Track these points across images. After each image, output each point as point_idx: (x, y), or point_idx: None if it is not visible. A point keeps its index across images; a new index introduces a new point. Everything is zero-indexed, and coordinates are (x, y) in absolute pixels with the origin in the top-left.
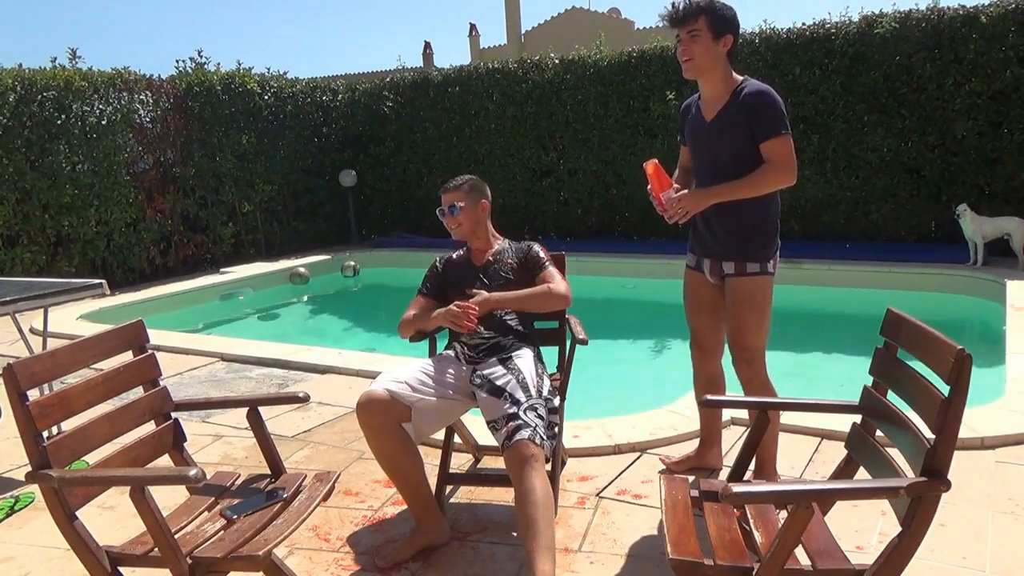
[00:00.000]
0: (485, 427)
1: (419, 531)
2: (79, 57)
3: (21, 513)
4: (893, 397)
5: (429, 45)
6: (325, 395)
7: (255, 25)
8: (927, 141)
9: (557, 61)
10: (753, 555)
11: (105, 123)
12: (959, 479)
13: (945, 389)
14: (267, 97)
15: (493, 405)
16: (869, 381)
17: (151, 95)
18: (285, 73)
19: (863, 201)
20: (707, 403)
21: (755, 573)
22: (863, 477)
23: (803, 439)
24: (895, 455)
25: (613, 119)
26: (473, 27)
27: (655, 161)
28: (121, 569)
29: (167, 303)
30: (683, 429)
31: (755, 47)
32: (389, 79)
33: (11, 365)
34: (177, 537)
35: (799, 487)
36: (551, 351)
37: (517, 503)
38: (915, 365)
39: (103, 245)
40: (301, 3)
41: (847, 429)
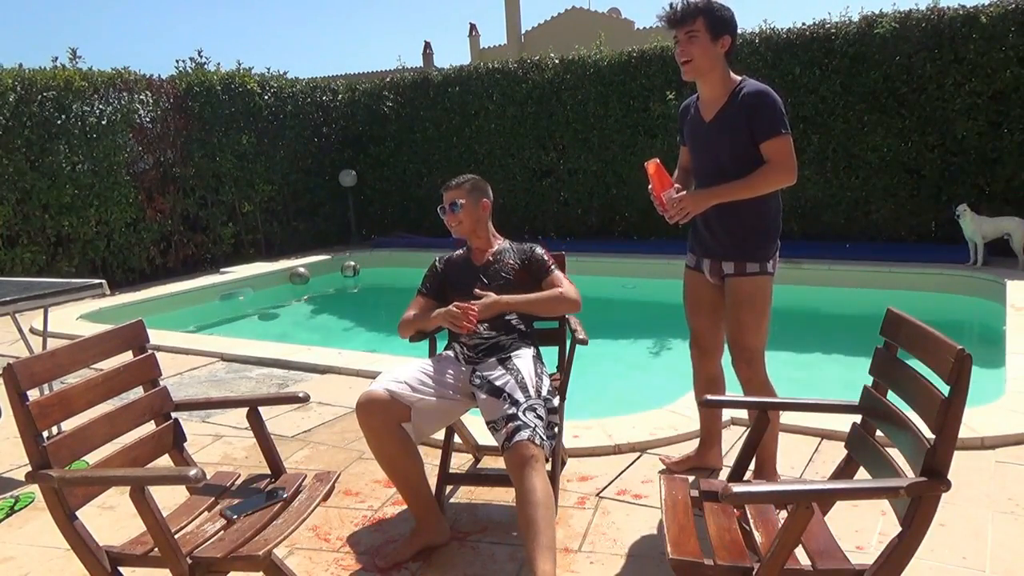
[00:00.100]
0: (485, 427)
1: (419, 531)
2: (79, 57)
3: (21, 513)
4: (893, 397)
5: (429, 45)
6: (325, 395)
7: (255, 25)
8: (927, 141)
9: (557, 61)
10: (753, 555)
11: (105, 123)
12: (959, 479)
13: (945, 389)
14: (267, 97)
15: (492, 406)
16: (869, 381)
17: (151, 95)
18: (285, 73)
19: (863, 201)
20: (707, 403)
21: (755, 573)
22: (863, 477)
23: (803, 439)
24: (895, 455)
25: (613, 119)
26: (473, 27)
27: (656, 161)
28: (121, 569)
29: (167, 303)
30: (683, 429)
31: (755, 47)
32: (389, 79)
33: (11, 365)
34: (177, 537)
35: (799, 487)
36: (551, 351)
37: (517, 503)
38: (915, 365)
39: (103, 245)
40: (301, 3)
41: (847, 429)
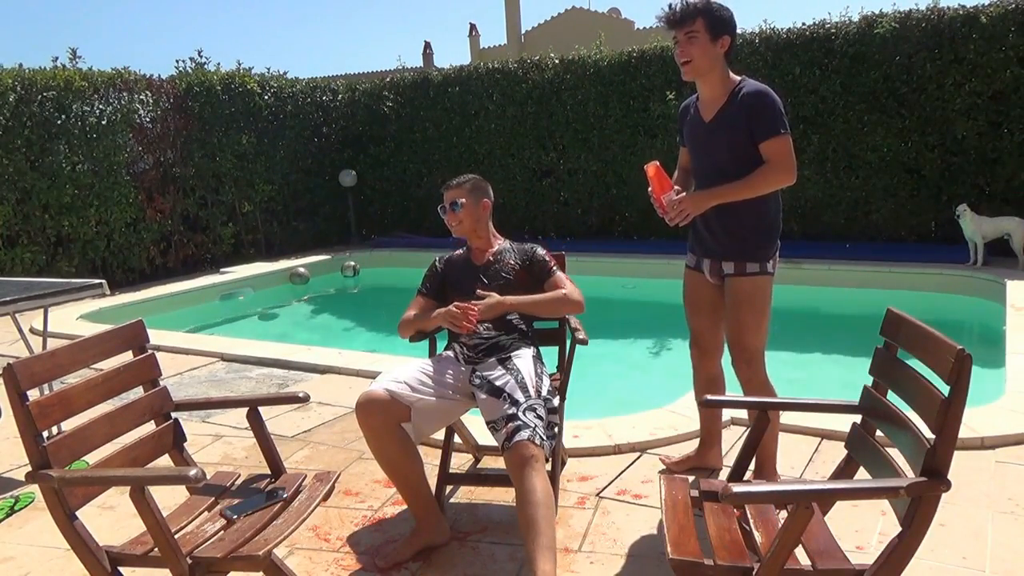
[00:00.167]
0: (485, 427)
1: (419, 531)
2: (79, 57)
3: (21, 513)
4: (893, 397)
5: (429, 45)
6: (325, 395)
7: (255, 25)
8: (927, 141)
9: (557, 61)
10: (753, 555)
11: (105, 123)
12: (959, 479)
13: (945, 389)
14: (267, 97)
15: (492, 406)
16: (869, 381)
17: (151, 95)
18: (285, 73)
19: (863, 201)
20: (707, 403)
21: (755, 573)
22: (863, 477)
23: (803, 439)
24: (895, 455)
25: (613, 119)
26: (473, 27)
27: (656, 163)
28: (121, 569)
29: (167, 303)
30: (683, 429)
31: (755, 47)
32: (389, 79)
33: (11, 365)
34: (177, 537)
35: (799, 487)
36: (551, 351)
37: (518, 503)
38: (915, 365)
39: (103, 245)
40: (301, 3)
41: (847, 429)
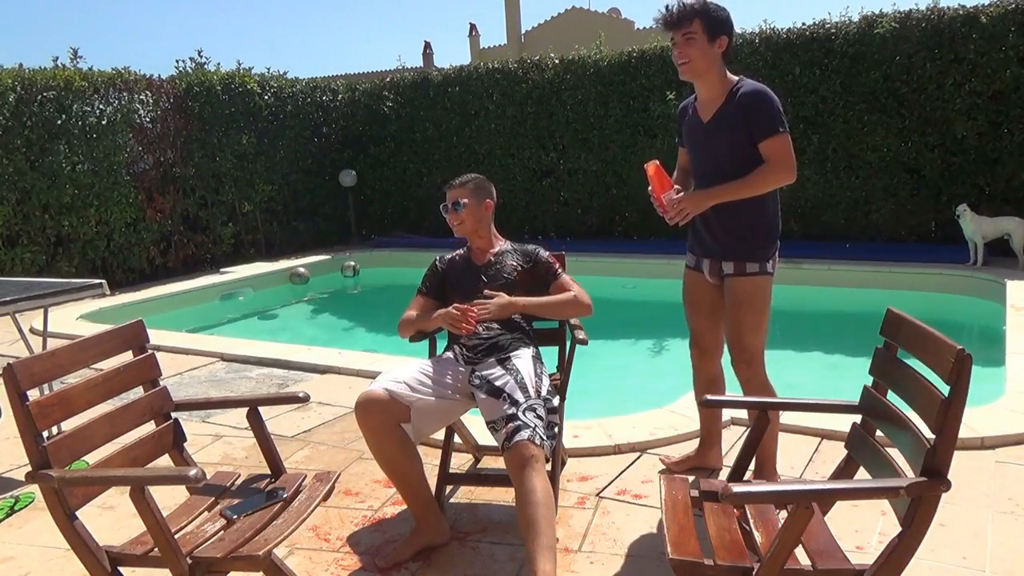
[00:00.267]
0: (485, 427)
1: (419, 531)
2: (80, 57)
3: (21, 513)
4: (893, 397)
5: (429, 45)
6: (325, 395)
7: (255, 25)
8: (927, 141)
9: (557, 61)
10: (753, 555)
11: (105, 123)
12: (959, 479)
13: (945, 389)
14: (267, 97)
15: (492, 406)
16: (869, 381)
17: (151, 95)
18: (285, 73)
19: (863, 201)
20: (707, 403)
21: (755, 573)
22: (863, 477)
23: (803, 439)
24: (895, 455)
25: (613, 119)
26: (473, 27)
27: (656, 162)
28: (121, 569)
29: (167, 303)
30: (683, 429)
31: (755, 47)
32: (389, 79)
33: (11, 365)
34: (177, 537)
35: (799, 487)
36: (551, 351)
37: (518, 503)
38: (915, 365)
39: (103, 245)
40: (301, 3)
41: (847, 429)
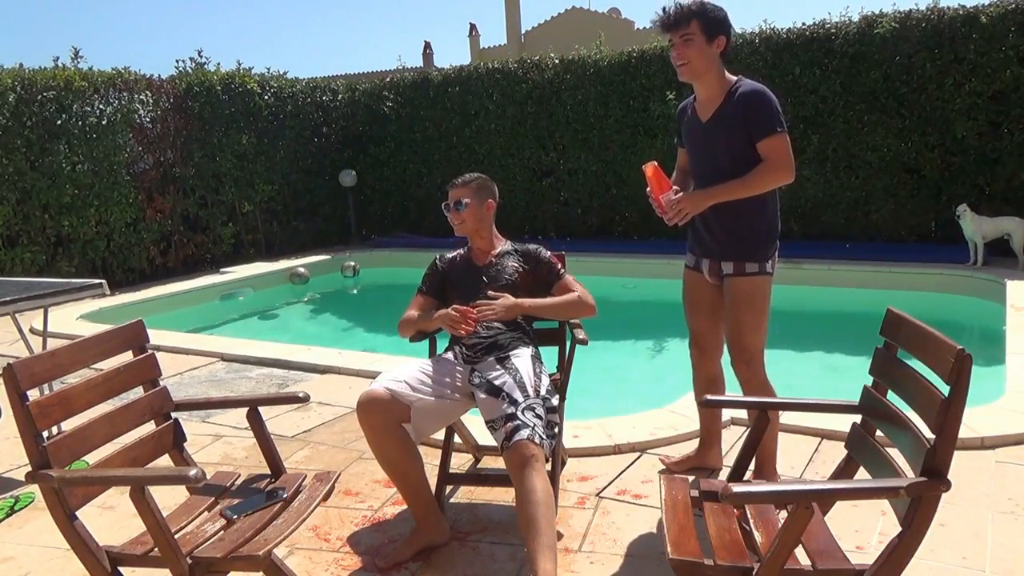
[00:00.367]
0: (485, 427)
1: (419, 531)
2: (81, 57)
3: (21, 513)
4: (893, 397)
5: (429, 45)
6: (325, 395)
7: (255, 25)
8: (927, 141)
9: (557, 61)
10: (753, 555)
11: (105, 123)
12: (959, 479)
13: (945, 389)
14: (267, 97)
15: (491, 405)
16: (869, 381)
17: (151, 95)
18: (285, 73)
19: (863, 201)
20: (707, 403)
21: (755, 573)
22: (863, 477)
23: (803, 439)
24: (895, 455)
25: (613, 119)
26: (473, 27)
27: (655, 163)
28: (121, 569)
29: (167, 303)
30: (683, 429)
31: (755, 47)
32: (389, 79)
33: (11, 365)
34: (177, 537)
35: (799, 487)
36: (551, 351)
37: (518, 503)
38: (915, 365)
39: (103, 245)
40: (301, 3)
41: (847, 429)
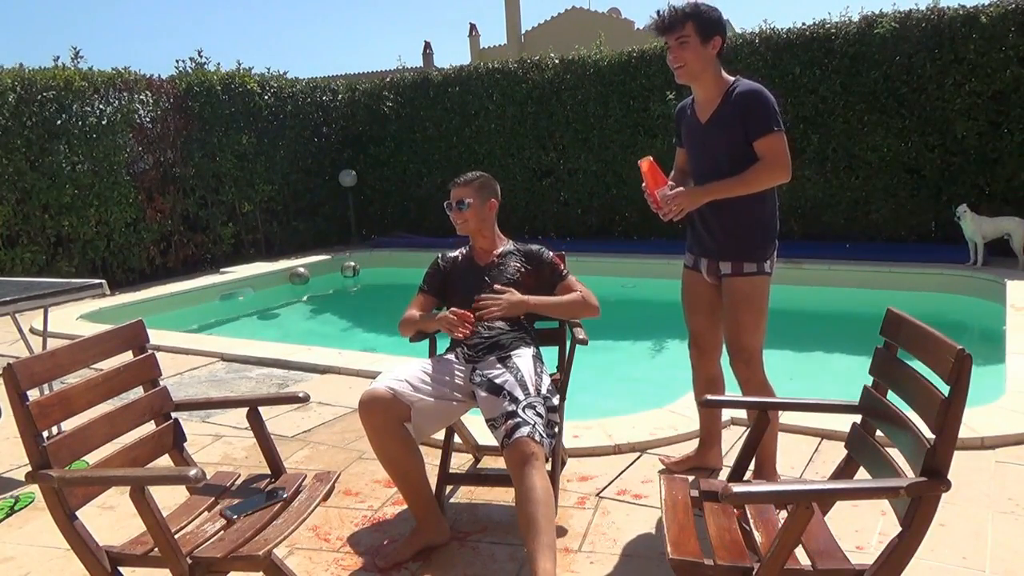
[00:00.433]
0: (485, 427)
1: (419, 531)
2: (81, 57)
3: (21, 513)
4: (893, 397)
5: (429, 45)
6: (325, 395)
7: (255, 25)
8: (927, 141)
9: (557, 61)
10: (753, 555)
11: (105, 123)
12: (959, 479)
13: (945, 389)
14: (267, 97)
15: (492, 403)
16: (869, 381)
17: (151, 95)
18: (285, 73)
19: (863, 201)
20: (707, 403)
21: (755, 573)
22: (863, 477)
23: (803, 439)
24: (895, 455)
25: (613, 119)
26: (473, 27)
27: (650, 158)
28: (121, 569)
29: (167, 303)
30: (683, 429)
31: (755, 47)
32: (389, 79)
33: (11, 365)
34: (177, 537)
35: (799, 487)
36: (551, 351)
37: (518, 502)
38: (915, 365)
39: (103, 245)
40: (301, 3)
41: (847, 429)
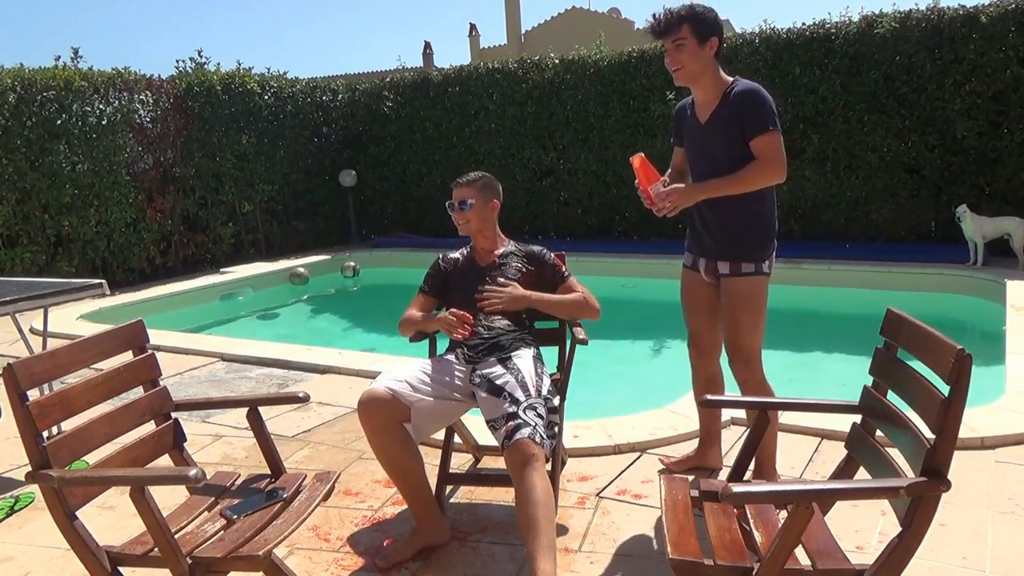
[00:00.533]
0: (485, 427)
1: (419, 531)
2: (81, 57)
3: (21, 513)
4: (893, 397)
5: (429, 45)
6: (325, 395)
7: (255, 25)
8: (927, 141)
9: (557, 61)
10: (753, 555)
11: (105, 123)
12: (959, 479)
13: (945, 389)
14: (267, 97)
15: (492, 404)
16: (869, 381)
17: (151, 95)
18: (285, 73)
19: (863, 201)
20: (707, 403)
21: (755, 573)
22: (863, 477)
23: (803, 439)
24: (895, 455)
25: (613, 119)
26: (473, 27)
27: (642, 155)
28: (121, 569)
29: (167, 303)
30: (683, 429)
31: (755, 47)
32: (389, 79)
33: (11, 365)
34: (177, 537)
35: (799, 487)
36: (551, 351)
37: (518, 503)
38: (915, 365)
39: (103, 245)
40: (301, 3)
41: (847, 429)
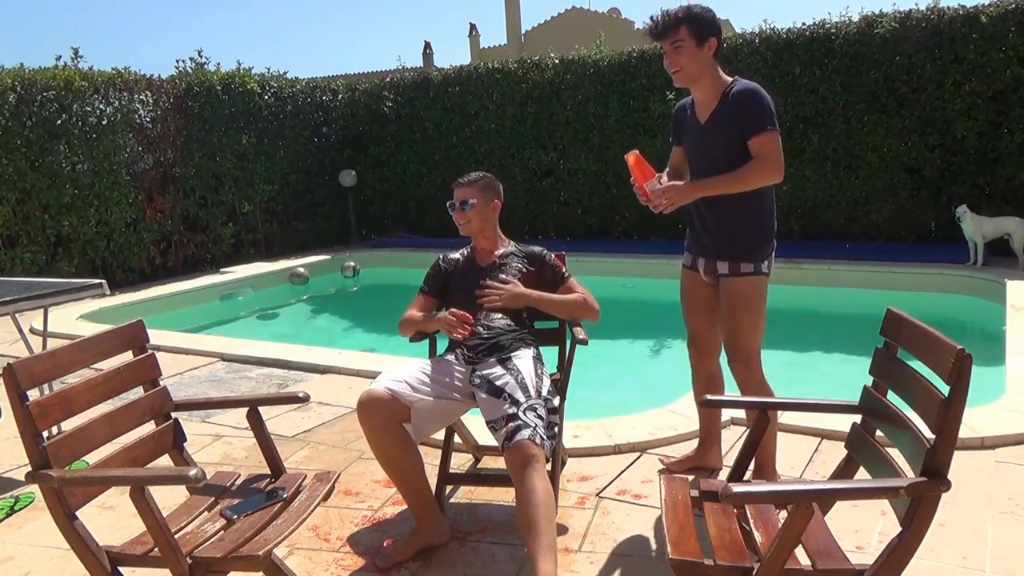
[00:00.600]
0: (485, 427)
1: (419, 531)
2: (81, 57)
3: (21, 513)
4: (893, 397)
5: (429, 45)
6: (325, 395)
7: (255, 25)
8: (927, 141)
9: (557, 61)
10: (753, 555)
11: (105, 123)
12: (959, 479)
13: (945, 389)
14: (267, 97)
15: (492, 405)
16: (869, 381)
17: (151, 95)
18: (285, 73)
19: (863, 201)
20: (707, 403)
21: (755, 573)
22: (863, 477)
23: (803, 439)
24: (895, 455)
25: (613, 119)
26: (473, 27)
27: (636, 152)
28: (121, 569)
29: (167, 303)
30: (683, 429)
31: (755, 47)
32: (389, 79)
33: (11, 365)
34: (177, 537)
35: (799, 487)
36: (551, 351)
37: (518, 504)
38: (915, 365)
39: (103, 245)
40: (301, 3)
41: (847, 429)
